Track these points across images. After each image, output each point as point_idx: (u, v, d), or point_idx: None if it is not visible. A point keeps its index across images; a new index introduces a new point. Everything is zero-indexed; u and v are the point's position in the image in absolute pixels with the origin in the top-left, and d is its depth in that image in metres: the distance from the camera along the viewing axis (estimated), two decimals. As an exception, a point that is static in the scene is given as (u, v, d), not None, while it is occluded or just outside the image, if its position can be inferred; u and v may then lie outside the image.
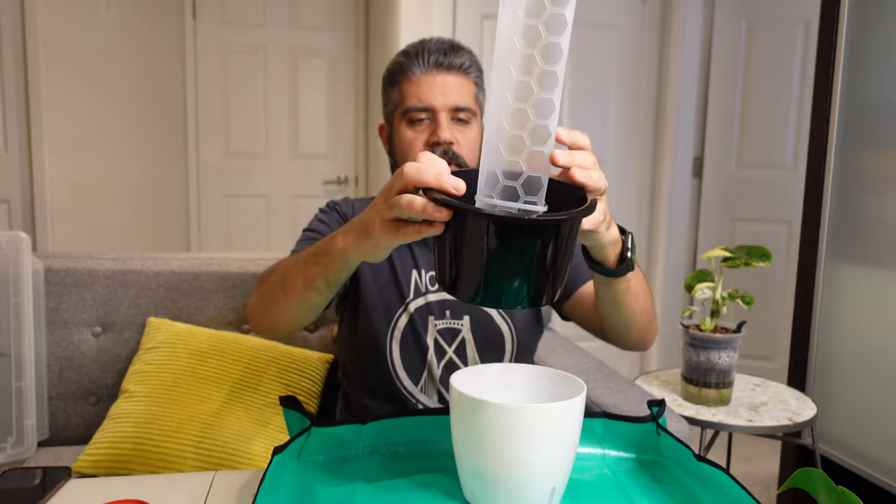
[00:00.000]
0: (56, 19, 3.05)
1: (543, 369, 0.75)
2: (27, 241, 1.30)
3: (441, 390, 1.07)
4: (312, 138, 3.47)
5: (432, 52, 1.04)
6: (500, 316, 1.09)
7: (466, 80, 1.06)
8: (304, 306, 0.86)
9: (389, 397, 1.09)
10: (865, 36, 1.64)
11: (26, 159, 3.08)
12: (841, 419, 1.70)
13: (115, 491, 0.73)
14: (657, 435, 0.78)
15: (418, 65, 1.04)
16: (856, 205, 1.66)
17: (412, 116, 1.05)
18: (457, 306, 1.08)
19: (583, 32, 2.77)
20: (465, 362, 1.07)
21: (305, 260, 0.83)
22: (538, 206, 0.60)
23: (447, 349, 1.07)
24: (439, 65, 1.04)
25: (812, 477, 0.51)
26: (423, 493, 0.73)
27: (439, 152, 1.03)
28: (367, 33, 3.44)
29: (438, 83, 1.04)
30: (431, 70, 1.04)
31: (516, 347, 1.11)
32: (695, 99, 2.85)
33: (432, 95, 1.04)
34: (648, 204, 2.95)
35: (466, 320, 1.07)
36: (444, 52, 1.05)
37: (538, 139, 0.59)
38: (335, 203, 1.15)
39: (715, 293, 1.46)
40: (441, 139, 1.03)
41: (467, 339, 1.07)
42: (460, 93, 1.05)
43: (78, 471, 1.22)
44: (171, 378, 1.34)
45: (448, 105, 1.04)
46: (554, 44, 0.56)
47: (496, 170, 0.60)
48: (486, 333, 1.08)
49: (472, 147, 1.07)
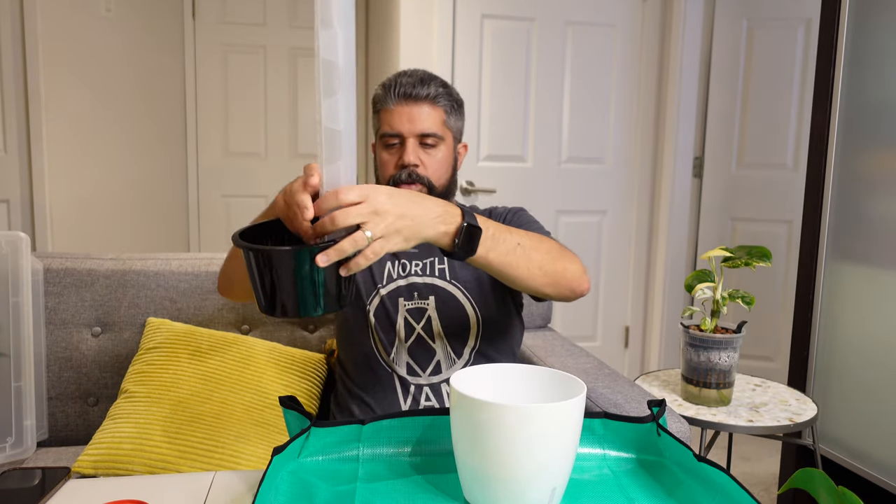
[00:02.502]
0: (56, 19, 3.05)
1: (543, 369, 0.75)
2: (27, 241, 1.30)
3: (409, 362, 1.20)
4: (312, 138, 3.47)
5: (403, 85, 1.20)
6: (464, 295, 1.22)
7: (435, 108, 1.21)
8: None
9: (366, 367, 1.24)
10: (865, 36, 1.64)
11: (26, 159, 3.08)
12: (841, 419, 1.70)
13: (115, 491, 0.73)
14: (657, 435, 0.78)
15: (391, 97, 1.21)
16: (856, 205, 1.66)
17: (386, 141, 1.22)
18: (424, 288, 1.22)
19: (583, 32, 2.77)
20: (433, 338, 1.20)
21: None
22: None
23: (416, 326, 1.21)
24: (408, 96, 1.20)
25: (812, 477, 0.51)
26: (423, 493, 0.73)
27: (405, 174, 1.19)
28: (367, 33, 3.44)
29: (407, 113, 1.20)
30: (401, 101, 1.20)
31: (482, 325, 1.22)
32: (695, 99, 2.85)
33: (401, 123, 1.20)
34: (648, 204, 2.95)
35: (432, 300, 1.21)
36: (414, 85, 1.20)
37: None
38: None
39: (715, 293, 1.46)
40: (406, 162, 1.20)
41: (433, 316, 1.21)
42: (427, 120, 1.20)
43: (77, 471, 1.22)
44: (172, 378, 1.34)
45: (415, 132, 1.20)
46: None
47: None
48: (450, 311, 1.21)
49: (438, 167, 1.22)
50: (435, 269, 1.24)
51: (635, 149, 2.91)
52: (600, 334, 3.00)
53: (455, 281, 1.22)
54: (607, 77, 2.83)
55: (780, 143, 2.82)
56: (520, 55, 2.71)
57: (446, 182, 1.24)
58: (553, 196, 2.83)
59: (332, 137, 0.74)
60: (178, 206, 3.35)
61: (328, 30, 0.71)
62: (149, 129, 3.26)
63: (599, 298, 2.97)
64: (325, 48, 0.72)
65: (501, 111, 2.72)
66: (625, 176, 2.91)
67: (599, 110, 2.84)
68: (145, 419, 1.27)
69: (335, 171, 0.75)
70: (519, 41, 2.71)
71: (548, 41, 2.73)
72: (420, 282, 1.23)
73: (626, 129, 2.88)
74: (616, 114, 2.86)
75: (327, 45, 0.72)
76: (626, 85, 2.86)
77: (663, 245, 2.92)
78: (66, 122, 3.12)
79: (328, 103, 0.73)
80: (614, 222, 2.93)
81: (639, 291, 3.00)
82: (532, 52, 2.72)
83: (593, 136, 2.84)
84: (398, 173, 1.20)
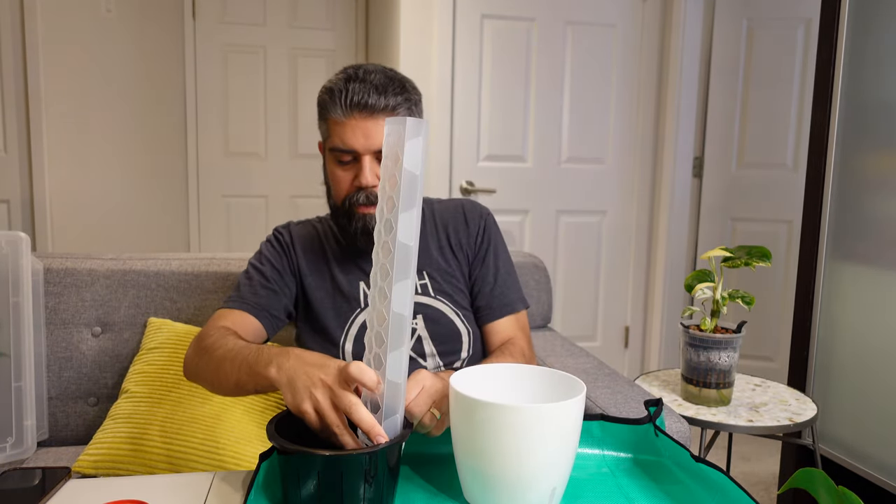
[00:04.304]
0: (56, 19, 3.05)
1: (543, 369, 0.75)
2: (27, 241, 1.30)
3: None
4: (312, 138, 3.47)
5: (356, 93, 1.02)
6: (452, 310, 1.16)
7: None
8: (233, 394, 0.93)
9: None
10: (865, 36, 1.64)
11: (26, 159, 3.08)
12: (841, 419, 1.70)
13: (115, 491, 0.73)
14: (655, 437, 0.78)
15: (342, 107, 1.03)
16: (856, 205, 1.66)
17: (338, 156, 1.07)
18: None
19: (583, 32, 2.77)
20: (423, 357, 1.14)
21: (240, 366, 0.87)
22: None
23: None
24: (361, 108, 1.02)
25: (813, 477, 0.50)
26: (423, 493, 0.73)
27: (363, 196, 1.06)
28: (367, 33, 3.44)
29: (361, 127, 1.03)
30: (354, 113, 1.03)
31: (472, 337, 1.17)
32: (695, 99, 2.85)
33: (355, 139, 1.04)
34: (648, 204, 2.95)
35: (420, 319, 1.14)
36: (368, 94, 1.03)
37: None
38: (279, 232, 1.22)
39: (715, 293, 1.46)
40: (363, 184, 1.06)
41: (423, 336, 1.13)
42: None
43: (78, 471, 1.22)
44: (173, 379, 1.34)
45: (371, 149, 1.04)
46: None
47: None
48: (441, 328, 1.15)
49: None
50: (416, 286, 1.16)
51: (635, 149, 2.91)
52: (600, 334, 3.00)
53: (440, 296, 1.16)
54: (607, 77, 2.83)
55: (780, 143, 2.82)
56: (520, 55, 2.71)
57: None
58: (553, 196, 2.83)
59: (399, 322, 0.68)
60: (178, 206, 3.35)
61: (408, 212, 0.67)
62: (149, 129, 3.26)
63: (599, 298, 2.97)
64: (403, 232, 0.67)
65: (501, 111, 2.72)
66: (625, 176, 2.91)
67: (599, 110, 2.84)
68: (146, 419, 1.27)
69: (399, 357, 0.69)
70: (519, 41, 2.71)
71: (548, 41, 2.73)
72: None
73: (626, 129, 2.88)
74: (616, 114, 2.86)
75: (405, 229, 0.67)
76: (626, 85, 2.86)
77: (663, 245, 2.92)
78: (66, 122, 3.12)
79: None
80: (614, 222, 2.93)
81: (639, 291, 3.00)
82: (532, 52, 2.72)
83: (593, 136, 2.84)
84: (355, 195, 1.07)
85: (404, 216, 0.66)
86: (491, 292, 1.19)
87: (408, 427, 0.71)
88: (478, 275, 1.21)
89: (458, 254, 1.21)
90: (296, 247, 1.20)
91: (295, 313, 1.20)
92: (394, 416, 0.69)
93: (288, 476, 0.66)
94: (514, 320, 1.20)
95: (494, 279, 1.20)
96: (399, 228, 0.66)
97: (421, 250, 1.18)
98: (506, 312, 1.19)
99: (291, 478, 0.65)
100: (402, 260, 0.67)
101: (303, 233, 1.22)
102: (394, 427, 0.69)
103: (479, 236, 1.22)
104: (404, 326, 0.68)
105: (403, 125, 0.66)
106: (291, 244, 1.20)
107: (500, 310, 1.19)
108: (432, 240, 1.21)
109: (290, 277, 1.17)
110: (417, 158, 0.67)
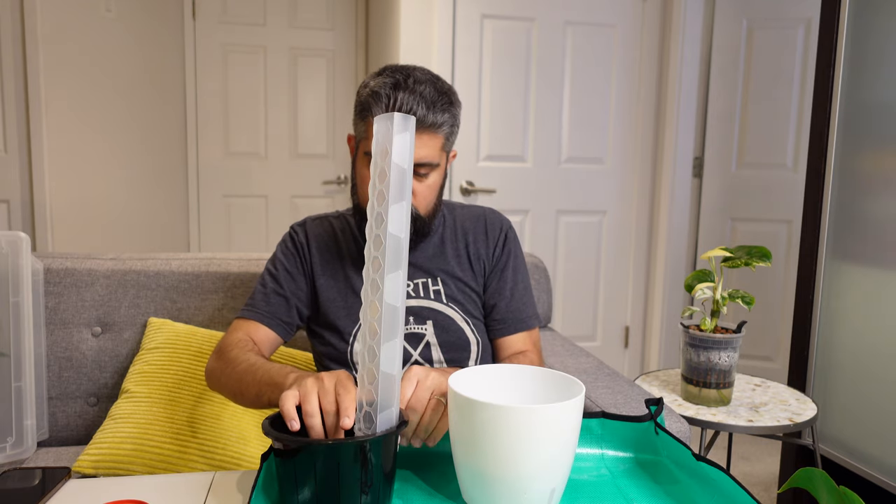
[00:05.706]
0: (56, 19, 3.05)
1: (543, 369, 0.75)
2: (27, 241, 1.30)
3: None
4: (312, 138, 3.47)
5: (405, 104, 0.99)
6: (462, 318, 1.15)
7: (435, 136, 1.03)
8: (253, 406, 0.97)
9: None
10: (865, 36, 1.64)
11: (26, 159, 3.08)
12: (841, 419, 1.70)
13: (115, 491, 0.73)
14: (655, 434, 0.78)
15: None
16: (856, 205, 1.66)
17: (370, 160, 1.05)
18: (420, 312, 1.13)
19: (583, 32, 2.77)
20: (432, 364, 1.12)
21: (259, 380, 0.92)
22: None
23: (413, 352, 1.12)
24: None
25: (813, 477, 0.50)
26: (422, 493, 0.73)
27: None
28: (367, 33, 3.44)
29: None
30: None
31: (481, 348, 1.16)
32: (695, 99, 2.85)
33: None
34: (648, 204, 2.95)
35: (430, 325, 1.13)
36: (419, 106, 0.99)
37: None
38: (294, 231, 1.21)
39: (715, 293, 1.46)
40: None
41: (432, 342, 1.13)
42: (424, 149, 1.02)
43: (78, 471, 1.22)
44: (173, 379, 1.34)
45: None
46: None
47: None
48: (450, 336, 1.13)
49: (428, 194, 1.07)
50: (430, 291, 1.15)
51: (635, 149, 2.91)
52: (600, 334, 3.00)
53: (452, 303, 1.15)
54: (607, 77, 2.83)
55: (780, 143, 2.83)
56: (520, 55, 2.71)
57: (433, 208, 1.11)
58: (553, 196, 2.83)
59: (391, 313, 0.69)
60: (178, 206, 3.35)
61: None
62: (149, 129, 3.26)
63: (599, 298, 2.97)
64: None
65: (501, 111, 2.72)
66: (625, 176, 2.91)
67: (599, 110, 2.84)
68: (146, 419, 1.27)
69: (393, 348, 0.70)
70: (519, 41, 2.71)
71: (548, 41, 2.73)
72: (415, 305, 1.13)
73: (626, 129, 2.88)
74: (616, 114, 2.86)
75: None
76: (626, 85, 2.86)
77: (663, 245, 2.92)
78: (66, 122, 3.12)
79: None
80: (614, 222, 2.93)
81: (639, 291, 3.00)
82: (532, 52, 2.72)
83: (593, 136, 2.84)
84: None
85: (394, 208, 0.68)
86: (507, 307, 1.18)
87: (403, 423, 0.71)
88: (494, 288, 1.19)
89: (475, 264, 1.19)
90: (311, 246, 1.18)
91: (308, 312, 1.19)
92: (389, 409, 0.69)
93: (283, 471, 0.67)
94: (526, 336, 1.19)
95: (511, 294, 1.19)
96: (389, 220, 0.67)
97: (438, 255, 1.18)
98: (520, 328, 1.18)
99: (287, 472, 0.66)
100: (394, 251, 0.68)
101: (319, 231, 1.21)
102: (389, 420, 0.70)
103: (497, 248, 1.20)
104: (397, 318, 0.68)
105: (391, 121, 0.68)
106: (306, 244, 1.19)
107: (515, 325, 1.18)
108: (450, 246, 1.19)
109: (302, 280, 1.17)
110: (406, 153, 0.69)
